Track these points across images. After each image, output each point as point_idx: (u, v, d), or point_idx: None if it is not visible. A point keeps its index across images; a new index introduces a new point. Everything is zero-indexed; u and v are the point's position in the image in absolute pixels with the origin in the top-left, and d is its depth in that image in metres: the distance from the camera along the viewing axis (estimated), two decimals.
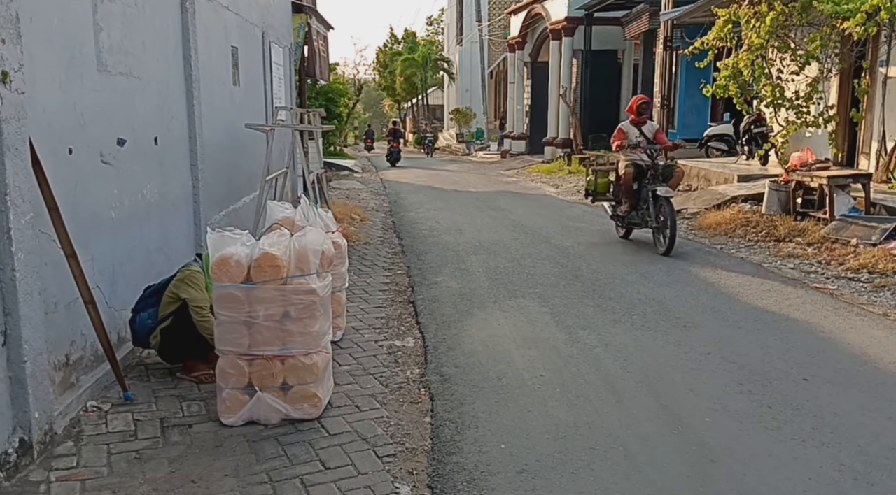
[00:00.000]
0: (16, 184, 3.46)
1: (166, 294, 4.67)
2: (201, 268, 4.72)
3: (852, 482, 3.38)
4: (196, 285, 4.62)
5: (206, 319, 4.51)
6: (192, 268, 4.72)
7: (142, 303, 4.75)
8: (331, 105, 21.01)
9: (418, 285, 7.35)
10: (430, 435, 3.95)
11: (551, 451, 3.71)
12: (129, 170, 5.02)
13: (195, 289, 4.60)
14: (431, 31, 57.40)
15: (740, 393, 4.42)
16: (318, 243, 4.18)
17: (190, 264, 4.81)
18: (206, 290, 4.61)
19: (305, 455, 3.70)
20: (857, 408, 4.19)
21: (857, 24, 9.31)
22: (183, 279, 4.65)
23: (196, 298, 4.57)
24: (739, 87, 11.75)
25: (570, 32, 22.66)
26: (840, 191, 9.21)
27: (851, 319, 5.91)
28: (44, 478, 3.46)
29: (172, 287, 4.66)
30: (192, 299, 4.57)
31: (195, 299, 4.57)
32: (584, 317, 6.04)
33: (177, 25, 6.09)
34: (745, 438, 3.82)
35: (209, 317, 4.48)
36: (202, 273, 4.68)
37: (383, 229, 11.21)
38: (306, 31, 13.36)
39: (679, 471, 3.50)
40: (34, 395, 3.59)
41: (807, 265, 7.85)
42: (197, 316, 4.55)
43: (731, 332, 5.61)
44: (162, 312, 4.67)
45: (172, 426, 4.05)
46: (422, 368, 5.01)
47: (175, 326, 4.63)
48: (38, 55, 3.82)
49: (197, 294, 4.59)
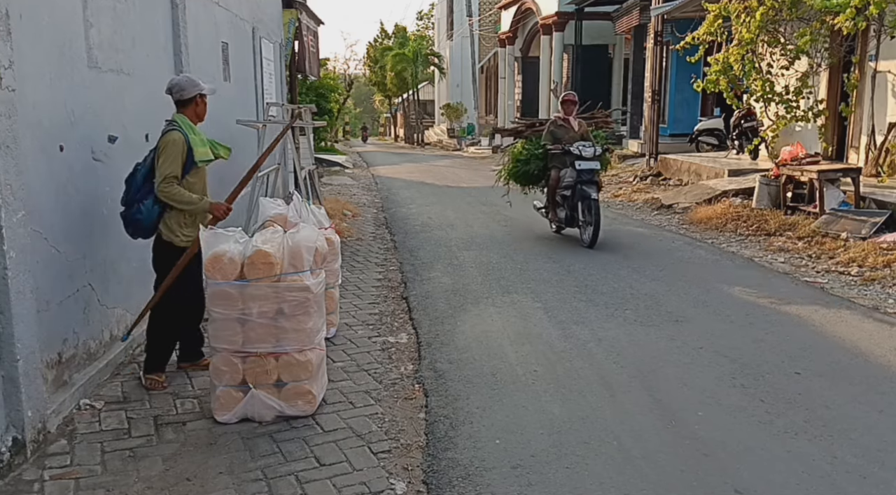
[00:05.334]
0: (6, 181, 3.44)
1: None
2: (176, 127, 4.45)
3: (844, 474, 3.40)
4: (164, 152, 4.36)
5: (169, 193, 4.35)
6: (165, 136, 4.42)
7: (137, 194, 4.43)
8: (321, 101, 20.93)
9: (411, 281, 7.35)
10: (425, 431, 3.96)
11: (546, 446, 3.73)
12: (121, 166, 4.98)
13: (163, 158, 4.35)
14: (422, 26, 57.26)
15: (733, 387, 4.44)
16: (312, 240, 4.18)
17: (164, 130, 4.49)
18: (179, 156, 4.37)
19: (300, 452, 3.70)
20: (848, 401, 4.23)
21: (847, 18, 9.35)
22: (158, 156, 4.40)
23: (160, 170, 4.34)
24: (730, 82, 11.79)
25: (561, 27, 22.68)
26: (830, 185, 9.26)
27: (842, 313, 5.95)
28: (37, 477, 3.45)
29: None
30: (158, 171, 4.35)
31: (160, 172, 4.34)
32: (576, 312, 6.06)
33: (167, 21, 6.06)
34: (738, 432, 3.85)
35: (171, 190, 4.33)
36: (176, 129, 4.43)
37: (375, 225, 11.20)
38: (296, 27, 13.31)
39: (673, 465, 3.52)
40: (27, 394, 3.58)
41: (797, 259, 7.89)
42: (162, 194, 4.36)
43: (723, 326, 5.64)
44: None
45: (166, 424, 4.04)
46: (415, 364, 5.02)
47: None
48: (28, 52, 3.79)
49: (161, 163, 4.34)
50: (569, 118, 9.37)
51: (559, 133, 9.20)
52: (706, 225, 9.89)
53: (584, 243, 8.71)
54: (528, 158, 9.72)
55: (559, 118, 9.48)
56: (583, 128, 9.37)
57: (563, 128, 9.27)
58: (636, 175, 15.02)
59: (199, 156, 4.51)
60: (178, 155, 4.38)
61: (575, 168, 8.74)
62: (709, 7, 11.80)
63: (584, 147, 8.84)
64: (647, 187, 13.82)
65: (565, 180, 8.90)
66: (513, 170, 9.97)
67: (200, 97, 4.62)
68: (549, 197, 9.42)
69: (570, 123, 9.32)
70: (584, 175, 8.71)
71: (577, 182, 8.72)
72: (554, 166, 9.20)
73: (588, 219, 8.66)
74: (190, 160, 4.46)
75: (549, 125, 9.48)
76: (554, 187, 9.15)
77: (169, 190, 4.35)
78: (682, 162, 13.89)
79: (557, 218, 9.33)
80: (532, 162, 9.65)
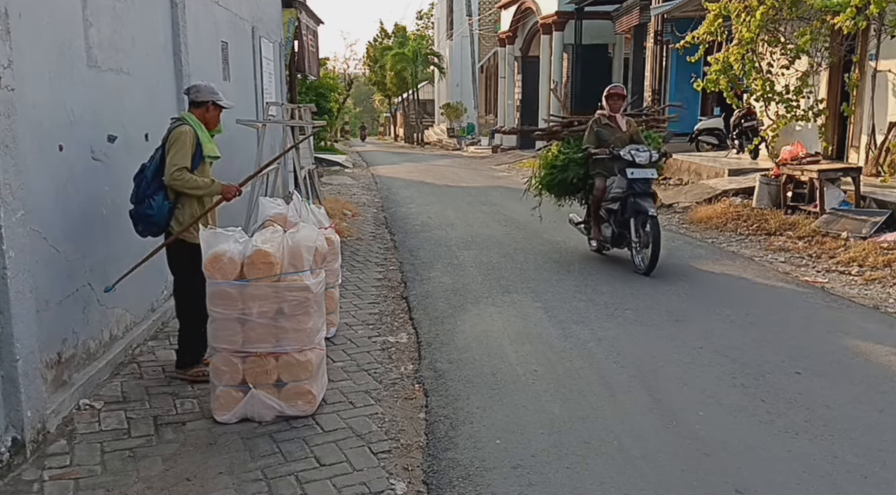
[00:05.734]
0: (6, 181, 3.44)
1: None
2: (186, 122, 4.56)
3: (845, 474, 3.40)
4: (176, 144, 4.44)
5: (182, 180, 4.43)
6: (176, 130, 4.51)
7: (148, 190, 4.48)
8: (321, 100, 20.91)
9: (411, 281, 7.35)
10: (425, 431, 3.96)
11: (546, 446, 3.72)
12: (120, 166, 4.98)
13: (175, 149, 4.43)
14: (421, 26, 57.22)
15: (733, 387, 4.44)
16: (312, 240, 4.17)
17: (172, 126, 4.59)
18: (185, 145, 4.45)
19: (300, 452, 3.70)
20: (849, 401, 4.22)
21: (847, 18, 9.35)
22: (168, 148, 4.47)
23: (171, 159, 4.42)
24: (730, 81, 11.80)
25: (561, 27, 22.68)
26: (830, 184, 9.26)
27: (842, 312, 5.94)
28: (37, 477, 3.45)
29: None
30: (168, 161, 4.43)
31: (170, 161, 4.43)
32: (576, 312, 6.05)
33: (166, 21, 6.05)
34: (738, 432, 3.84)
35: (183, 177, 4.42)
36: (185, 124, 4.53)
37: (375, 224, 11.19)
38: (296, 26, 13.31)
39: (673, 465, 3.51)
40: (26, 394, 3.58)
41: (798, 258, 7.89)
42: (175, 182, 4.43)
43: (723, 326, 5.63)
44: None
45: (166, 424, 4.03)
46: (416, 364, 5.01)
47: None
48: (28, 51, 3.79)
49: (173, 154, 4.43)
50: (615, 116, 7.92)
51: (605, 134, 7.77)
52: (706, 224, 9.88)
53: (639, 268, 7.31)
54: (565, 164, 8.25)
55: (603, 116, 7.97)
56: (632, 129, 7.98)
57: (609, 127, 7.85)
58: None
59: (208, 151, 4.61)
60: (188, 147, 4.46)
61: (626, 176, 7.32)
62: (709, 6, 11.80)
63: (637, 151, 7.38)
64: None
65: (613, 191, 7.56)
66: (546, 179, 8.51)
67: (213, 104, 4.71)
68: (592, 210, 8.07)
69: (616, 122, 7.90)
70: (637, 185, 7.29)
71: (628, 194, 7.33)
72: (598, 174, 7.82)
73: (643, 238, 7.27)
74: (198, 154, 4.55)
75: (592, 124, 7.95)
76: (599, 199, 7.78)
77: (181, 176, 4.42)
78: (682, 161, 13.88)
79: (602, 236, 7.94)
80: (570, 168, 8.19)
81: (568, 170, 8.22)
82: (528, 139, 25.77)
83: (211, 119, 4.73)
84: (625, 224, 7.45)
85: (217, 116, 4.78)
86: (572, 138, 8.44)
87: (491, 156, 27.10)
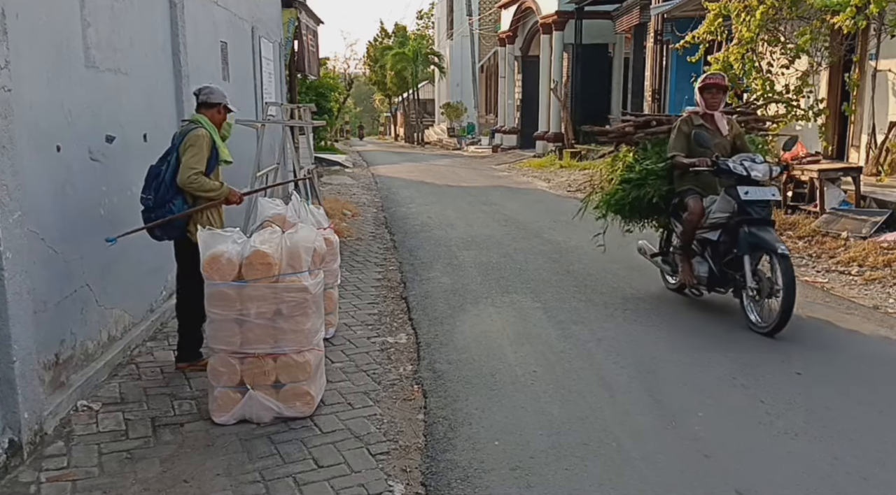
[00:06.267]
0: (2, 182, 3.43)
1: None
2: (201, 125, 4.63)
3: (845, 476, 3.38)
4: (193, 147, 4.50)
5: (197, 183, 4.51)
6: (192, 133, 4.57)
7: (167, 195, 4.53)
8: (321, 100, 20.94)
9: (410, 281, 7.33)
10: (424, 433, 3.94)
11: (545, 447, 3.71)
12: (118, 166, 4.97)
13: (191, 153, 4.50)
14: (422, 26, 57.22)
15: (733, 388, 4.43)
16: (310, 240, 4.16)
17: (187, 129, 4.65)
18: (202, 149, 4.53)
19: (298, 453, 3.69)
20: (849, 402, 4.21)
21: (847, 17, 9.33)
22: (184, 151, 4.53)
23: (186, 162, 4.48)
24: (730, 81, 11.75)
25: (561, 26, 22.66)
26: (830, 184, 9.24)
27: (843, 312, 5.93)
28: (34, 479, 3.43)
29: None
30: (184, 164, 4.49)
31: (186, 164, 4.49)
32: (576, 312, 6.04)
33: (165, 20, 6.04)
34: (738, 433, 3.83)
35: (199, 180, 4.49)
36: (201, 127, 4.62)
37: (375, 224, 11.18)
38: (296, 26, 13.30)
39: (673, 466, 3.50)
40: (23, 395, 3.57)
41: (798, 258, 7.86)
42: (190, 185, 4.49)
43: (723, 326, 5.61)
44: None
45: (164, 425, 4.02)
46: (414, 365, 5.00)
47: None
48: (25, 51, 3.78)
49: (189, 157, 4.48)
50: (713, 114, 6.14)
51: (703, 137, 5.88)
52: None
53: (757, 326, 5.39)
54: (642, 177, 6.45)
55: (696, 114, 6.19)
56: (734, 131, 6.19)
57: (706, 130, 6.02)
58: None
59: (224, 156, 4.74)
60: (205, 151, 4.55)
61: (736, 197, 5.49)
62: (709, 6, 11.78)
63: (752, 163, 5.59)
64: None
65: (714, 216, 5.76)
66: (616, 196, 6.63)
67: (224, 107, 4.85)
68: (680, 240, 6.15)
69: (715, 123, 6.14)
70: (754, 209, 5.46)
71: (740, 220, 5.50)
72: (689, 191, 6.01)
73: (766, 286, 5.36)
74: (214, 158, 4.65)
75: (681, 125, 6.14)
76: (694, 224, 5.89)
77: (197, 179, 4.50)
78: None
79: (693, 274, 6.03)
80: (649, 183, 6.38)
81: (646, 185, 6.40)
82: (527, 139, 25.85)
83: (220, 120, 4.86)
84: (734, 263, 5.62)
85: (224, 118, 4.92)
86: (649, 143, 6.81)
87: (491, 155, 27.11)
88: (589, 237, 8.85)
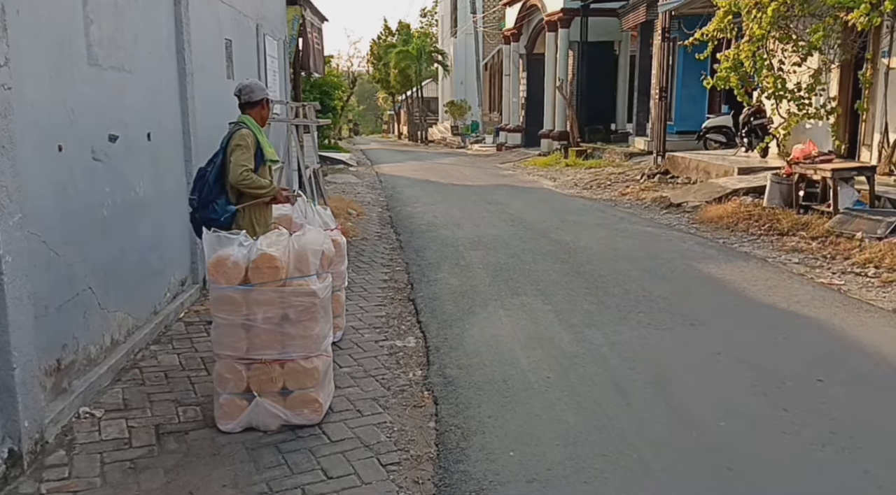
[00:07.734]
0: (2, 183, 3.32)
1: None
2: (245, 125, 4.59)
3: (876, 490, 3.25)
4: (240, 146, 4.46)
5: (249, 181, 4.47)
6: (238, 133, 4.53)
7: (210, 195, 4.51)
8: (325, 98, 20.80)
9: (418, 282, 7.21)
10: (435, 442, 3.82)
11: (562, 458, 3.59)
12: (121, 166, 4.87)
13: (240, 151, 4.46)
14: (426, 23, 56.98)
15: (753, 395, 4.30)
16: (318, 243, 4.04)
17: (233, 130, 4.60)
18: (249, 148, 4.49)
19: (306, 463, 3.57)
20: (875, 410, 4.07)
21: (861, 14, 9.18)
22: (232, 151, 4.48)
23: (236, 160, 4.44)
24: (740, 79, 11.63)
25: (566, 24, 22.48)
26: (844, 183, 9.10)
27: (861, 316, 5.79)
28: (34, 490, 3.33)
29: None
30: (234, 162, 4.45)
31: (236, 161, 4.44)
32: (588, 315, 5.91)
33: (169, 18, 5.92)
34: (762, 443, 3.70)
35: (250, 177, 4.46)
36: (245, 127, 4.57)
37: (380, 224, 11.06)
38: (300, 24, 13.15)
39: (697, 480, 3.37)
40: (24, 403, 3.46)
41: (812, 260, 7.73)
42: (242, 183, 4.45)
43: (739, 330, 5.49)
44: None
45: (168, 433, 3.91)
46: (424, 370, 4.88)
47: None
48: (26, 49, 3.66)
49: (238, 155, 4.44)
50: None
51: None
52: (717, 224, 9.72)
53: None
54: None
55: None
56: None
57: None
58: (644, 173, 14.85)
59: (269, 155, 4.69)
60: (251, 150, 4.51)
61: None
62: (718, 3, 11.62)
63: None
64: (654, 185, 13.66)
65: None
66: None
67: (267, 101, 4.78)
68: None
69: None
70: None
71: None
72: None
73: None
74: (259, 158, 4.59)
75: None
76: None
77: (248, 176, 4.45)
78: (691, 159, 13.73)
79: None
80: None
81: None
82: (532, 137, 25.69)
83: (265, 115, 4.80)
84: None
85: (269, 112, 4.86)
86: None
87: (495, 154, 26.98)
88: (597, 235, 8.69)
